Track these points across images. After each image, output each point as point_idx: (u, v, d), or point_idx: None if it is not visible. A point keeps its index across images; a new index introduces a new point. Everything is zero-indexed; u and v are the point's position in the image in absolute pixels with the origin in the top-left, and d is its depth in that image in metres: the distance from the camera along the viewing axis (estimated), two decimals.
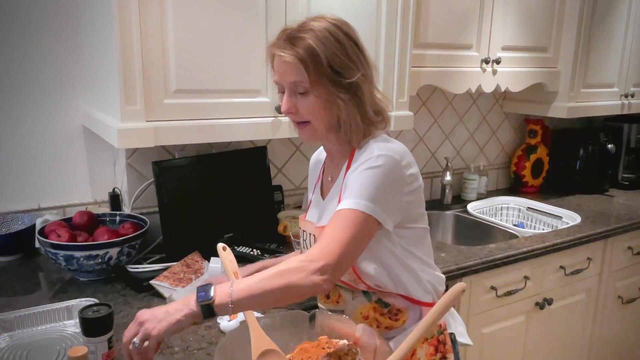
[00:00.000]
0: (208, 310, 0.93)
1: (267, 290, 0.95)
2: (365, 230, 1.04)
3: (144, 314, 0.94)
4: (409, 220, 1.13)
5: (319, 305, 1.30)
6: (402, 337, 1.11)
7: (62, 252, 1.46)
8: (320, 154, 1.34)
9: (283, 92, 1.12)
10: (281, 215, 1.93)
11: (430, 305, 1.18)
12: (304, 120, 1.11)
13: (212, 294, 0.93)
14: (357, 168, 1.07)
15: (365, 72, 1.11)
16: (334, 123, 1.12)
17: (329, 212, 1.14)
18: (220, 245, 1.12)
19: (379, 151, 1.08)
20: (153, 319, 0.92)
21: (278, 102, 1.59)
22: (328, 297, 1.25)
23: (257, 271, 1.12)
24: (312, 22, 1.08)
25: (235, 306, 0.94)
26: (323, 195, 1.24)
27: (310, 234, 1.21)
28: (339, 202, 1.08)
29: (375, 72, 1.15)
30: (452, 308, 1.24)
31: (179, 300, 0.96)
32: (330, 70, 1.05)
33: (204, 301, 0.93)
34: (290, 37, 1.06)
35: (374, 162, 1.06)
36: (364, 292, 1.17)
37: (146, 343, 0.92)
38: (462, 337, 1.25)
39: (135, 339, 0.91)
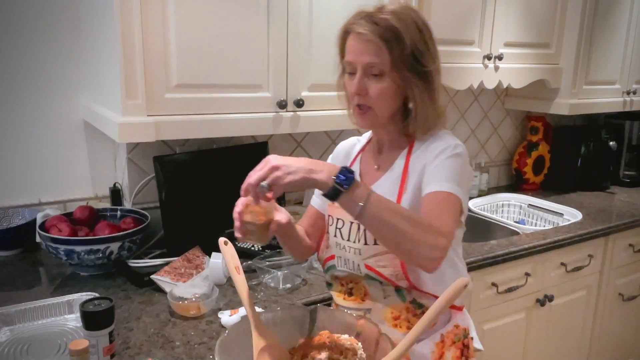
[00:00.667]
0: (334, 192, 0.91)
1: (396, 225, 0.93)
2: (459, 216, 1.05)
3: (277, 159, 0.92)
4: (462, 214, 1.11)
5: (337, 303, 1.21)
6: (431, 340, 1.12)
7: (63, 247, 1.46)
8: (351, 143, 1.30)
9: (351, 73, 1.09)
10: None
11: (460, 308, 1.17)
12: (368, 105, 1.08)
13: (351, 183, 0.91)
14: (439, 155, 1.05)
15: (438, 64, 1.10)
16: (397, 112, 1.11)
17: None
18: (222, 240, 1.12)
19: (454, 141, 1.08)
20: (286, 168, 0.90)
21: (279, 97, 1.59)
22: (350, 294, 1.18)
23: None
24: (390, 6, 1.07)
25: (362, 212, 0.92)
26: (367, 182, 1.17)
27: (350, 222, 1.13)
28: (401, 190, 1.08)
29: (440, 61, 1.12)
30: (467, 312, 1.22)
31: (315, 161, 0.94)
32: (411, 55, 1.04)
33: (340, 183, 0.91)
34: (372, 18, 1.04)
35: (455, 150, 1.06)
36: (398, 292, 1.11)
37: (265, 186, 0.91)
38: (476, 343, 1.23)
39: (263, 182, 0.90)
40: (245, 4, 1.49)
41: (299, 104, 1.62)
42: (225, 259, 1.08)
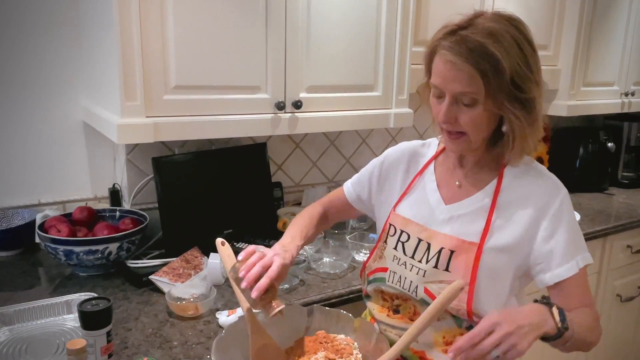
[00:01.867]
0: (558, 335, 0.88)
1: (584, 340, 0.95)
2: None
3: (507, 324, 0.82)
4: None
5: (376, 318, 1.15)
6: None
7: (62, 247, 1.47)
8: (419, 148, 1.20)
9: (439, 97, 0.99)
10: (280, 211, 1.94)
11: None
12: (460, 131, 0.99)
13: (567, 320, 0.89)
14: (562, 210, 1.01)
15: (541, 83, 0.98)
16: (491, 136, 1.02)
17: (459, 222, 1.05)
18: (219, 240, 1.12)
19: (560, 184, 1.05)
20: (518, 331, 0.82)
21: (277, 98, 1.60)
22: (397, 311, 1.12)
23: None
24: (483, 20, 0.94)
25: (570, 341, 0.91)
26: (445, 198, 1.10)
27: (418, 239, 1.07)
28: (487, 227, 1.01)
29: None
30: None
31: (534, 310, 0.89)
32: (510, 83, 0.92)
33: (565, 327, 0.88)
34: (466, 40, 0.92)
35: (569, 200, 1.03)
36: (454, 317, 1.04)
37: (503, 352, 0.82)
38: None
39: (496, 351, 0.81)
40: (243, 4, 1.50)
41: (297, 105, 1.63)
42: (222, 259, 1.08)
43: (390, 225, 1.14)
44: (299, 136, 2.09)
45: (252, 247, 1.04)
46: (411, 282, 1.07)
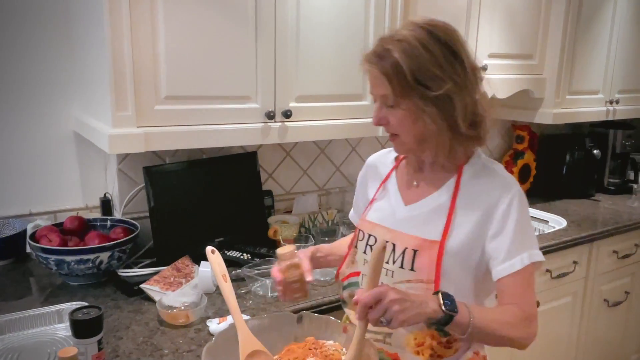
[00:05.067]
0: (447, 319, 0.92)
1: (495, 334, 0.99)
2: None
3: (391, 294, 0.90)
4: None
5: (353, 322, 1.12)
6: None
7: (53, 257, 1.47)
8: (384, 156, 1.27)
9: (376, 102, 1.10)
10: (271, 219, 1.95)
11: None
12: (394, 133, 1.08)
13: (457, 306, 0.93)
14: (508, 212, 1.03)
15: (461, 79, 1.01)
16: (425, 137, 1.06)
17: (419, 221, 1.10)
18: (209, 249, 1.13)
19: (513, 182, 1.07)
20: (402, 303, 0.89)
21: (267, 108, 1.62)
22: None
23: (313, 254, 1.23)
24: (402, 29, 1.04)
25: (472, 331, 0.95)
26: (405, 199, 1.15)
27: (385, 241, 1.06)
28: (448, 224, 1.05)
29: (479, 73, 1.07)
30: None
31: (420, 295, 0.95)
32: (416, 84, 1.00)
33: (450, 311, 0.92)
34: (379, 49, 1.03)
35: (520, 198, 1.05)
36: None
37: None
38: None
39: (383, 319, 0.91)
40: (233, 16, 1.53)
41: (287, 114, 1.65)
42: (212, 267, 1.10)
43: (360, 230, 1.18)
44: (290, 145, 2.11)
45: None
46: (381, 283, 1.08)
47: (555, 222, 2.35)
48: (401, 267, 1.07)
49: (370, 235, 1.15)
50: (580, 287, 2.28)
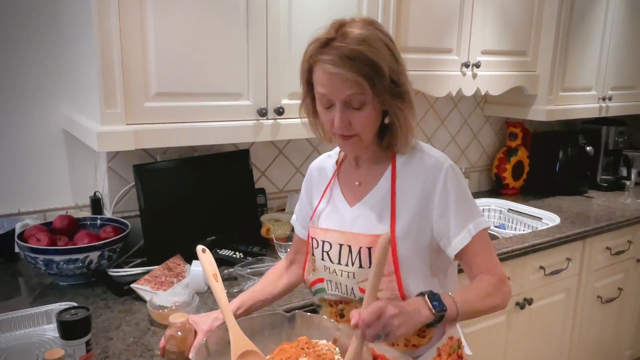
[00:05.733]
0: (439, 319, 0.95)
1: (482, 309, 1.03)
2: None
3: (390, 310, 0.90)
4: None
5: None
6: (429, 355, 1.12)
7: (41, 257, 1.45)
8: (324, 161, 1.26)
9: (327, 107, 1.04)
10: (264, 218, 1.94)
11: None
12: (352, 134, 1.05)
13: (444, 303, 0.96)
14: (446, 189, 1.06)
15: (406, 71, 1.06)
16: (377, 132, 1.09)
17: (366, 218, 1.11)
18: (199, 248, 1.12)
19: (438, 153, 1.11)
20: (400, 316, 0.90)
21: (259, 105, 1.60)
22: (342, 315, 1.17)
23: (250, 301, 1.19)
24: (352, 29, 1.00)
25: (460, 318, 0.98)
26: (349, 201, 1.16)
27: (339, 245, 1.11)
28: (393, 212, 1.08)
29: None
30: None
31: (412, 301, 0.96)
32: (390, 82, 1.01)
33: (441, 311, 0.95)
34: (342, 50, 0.98)
35: (454, 172, 1.08)
36: None
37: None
38: (466, 349, 1.24)
39: (381, 333, 0.91)
40: (224, 11, 1.51)
41: (279, 111, 1.64)
42: (203, 266, 1.08)
43: (312, 238, 1.18)
44: (282, 142, 2.10)
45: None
46: (346, 285, 1.12)
47: (549, 219, 2.35)
48: (360, 266, 1.09)
49: (324, 242, 1.15)
50: (574, 284, 2.28)
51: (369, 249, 1.07)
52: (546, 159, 2.80)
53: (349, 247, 1.10)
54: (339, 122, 1.03)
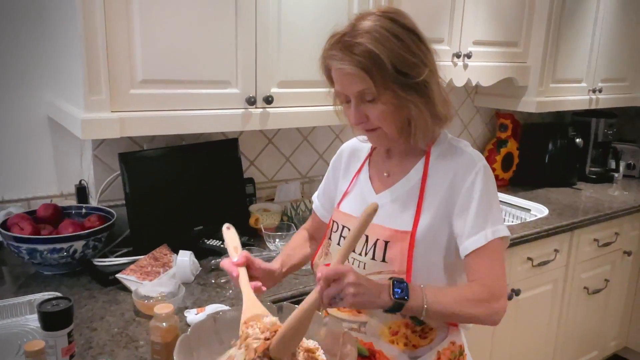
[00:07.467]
0: (399, 306, 0.93)
1: (456, 313, 0.98)
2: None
3: (350, 277, 0.89)
4: None
5: (328, 312, 1.15)
6: (428, 357, 1.09)
7: (24, 246, 1.43)
8: (359, 143, 1.24)
9: (347, 102, 1.05)
10: (253, 208, 1.92)
11: (455, 325, 1.13)
12: (374, 127, 1.05)
13: (408, 292, 0.93)
14: (473, 187, 1.02)
15: (431, 63, 1.02)
16: (405, 125, 1.05)
17: (389, 209, 1.09)
18: (225, 226, 1.13)
19: (475, 154, 1.07)
20: (357, 288, 0.89)
21: (248, 93, 1.58)
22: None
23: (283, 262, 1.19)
24: (363, 21, 1.00)
25: (427, 315, 0.95)
26: (376, 189, 1.15)
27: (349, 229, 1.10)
28: (419, 206, 1.05)
29: (437, 57, 1.05)
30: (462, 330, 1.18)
31: (378, 283, 0.94)
32: (396, 73, 0.98)
33: (400, 299, 0.92)
34: (346, 45, 0.98)
35: (485, 173, 1.04)
36: None
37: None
38: (468, 357, 1.21)
39: (336, 297, 0.90)
40: None
41: (269, 100, 1.61)
42: (225, 241, 1.10)
43: (334, 222, 1.17)
44: (272, 131, 2.07)
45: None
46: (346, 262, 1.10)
47: (537, 211, 2.36)
48: (373, 258, 1.07)
49: (344, 227, 1.13)
50: (561, 275, 2.30)
51: (386, 242, 1.05)
52: (536, 150, 2.81)
53: (366, 236, 1.08)
54: (354, 117, 1.04)
